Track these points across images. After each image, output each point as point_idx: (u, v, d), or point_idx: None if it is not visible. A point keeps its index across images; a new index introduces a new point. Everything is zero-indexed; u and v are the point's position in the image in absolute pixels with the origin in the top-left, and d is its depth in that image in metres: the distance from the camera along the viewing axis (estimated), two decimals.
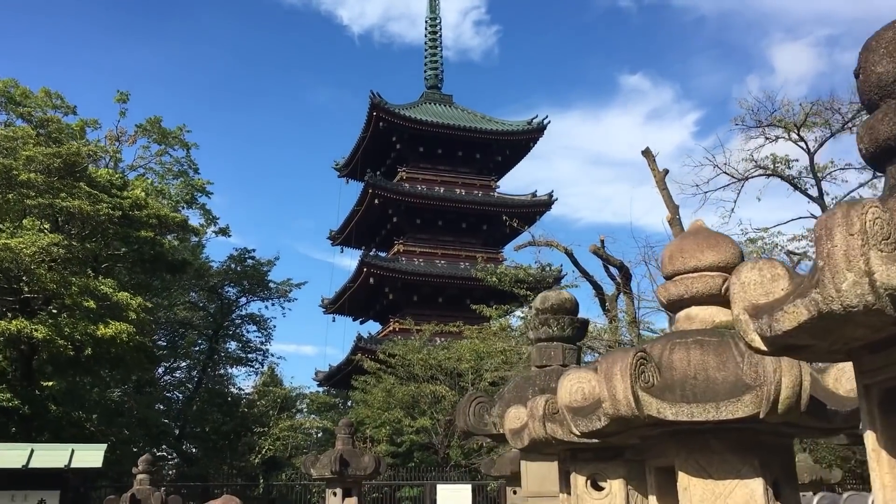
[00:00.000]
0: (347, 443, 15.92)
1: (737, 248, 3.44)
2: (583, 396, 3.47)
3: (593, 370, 3.56)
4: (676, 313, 3.53)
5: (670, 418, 2.94)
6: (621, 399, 3.00)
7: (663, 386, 3.05)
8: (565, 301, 6.94)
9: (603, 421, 3.16)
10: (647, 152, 23.16)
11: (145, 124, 35.91)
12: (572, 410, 3.45)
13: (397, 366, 34.16)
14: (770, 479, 3.07)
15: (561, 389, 3.54)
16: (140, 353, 21.81)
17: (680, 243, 3.50)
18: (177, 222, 23.54)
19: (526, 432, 4.80)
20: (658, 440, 3.31)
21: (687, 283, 3.41)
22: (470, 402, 6.63)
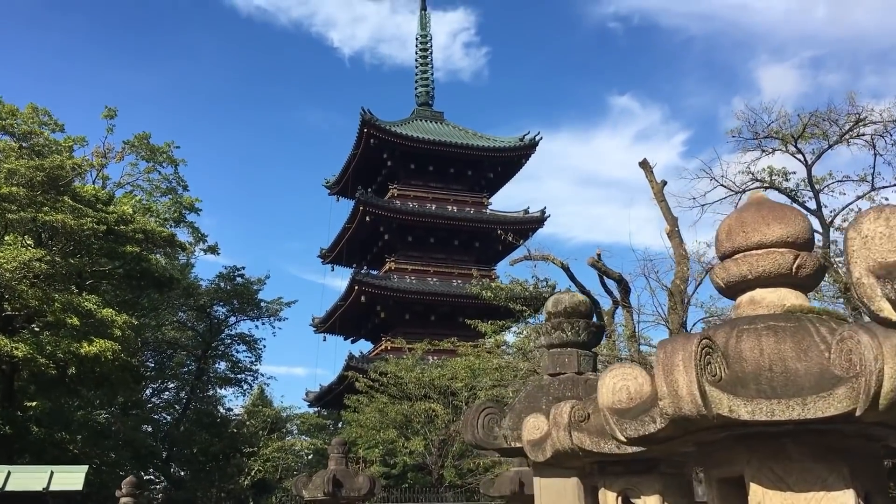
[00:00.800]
0: (341, 462, 15.28)
1: (807, 221, 2.95)
2: (628, 396, 2.96)
3: (638, 365, 3.05)
4: (737, 297, 3.02)
5: (745, 418, 2.43)
6: (684, 395, 2.49)
7: (733, 380, 2.54)
8: (580, 304, 6.43)
9: (659, 423, 2.65)
10: (645, 164, 22.73)
11: (133, 140, 35.39)
12: (617, 412, 2.93)
13: (390, 384, 33.51)
14: (861, 491, 2.57)
15: (602, 388, 3.03)
16: (125, 373, 21.13)
17: (740, 216, 3.00)
18: (164, 237, 22.92)
19: (548, 443, 4.28)
20: (721, 446, 2.80)
21: (751, 261, 2.90)
22: (478, 413, 6.09)
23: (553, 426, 4.20)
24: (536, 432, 4.64)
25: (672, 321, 20.80)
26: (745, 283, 2.92)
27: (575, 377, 6.21)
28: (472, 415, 6.13)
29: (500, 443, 6.04)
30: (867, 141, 26.81)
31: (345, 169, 55.95)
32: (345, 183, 55.71)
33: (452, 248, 53.53)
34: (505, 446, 6.02)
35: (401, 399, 33.21)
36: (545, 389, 6.18)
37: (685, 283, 21.25)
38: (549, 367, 6.41)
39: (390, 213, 50.91)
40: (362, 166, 54.21)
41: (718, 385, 2.49)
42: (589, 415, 4.19)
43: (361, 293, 48.26)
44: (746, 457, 2.66)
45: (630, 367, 2.99)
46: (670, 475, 4.22)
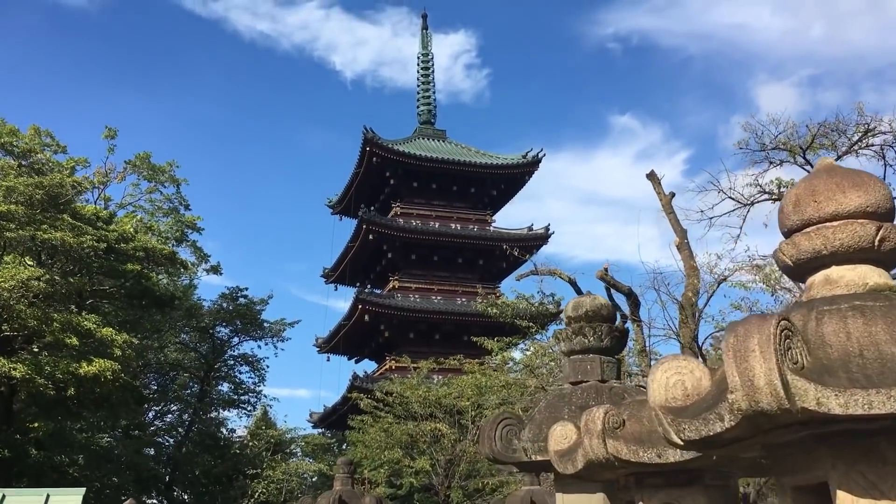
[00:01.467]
0: (346, 483, 14.85)
1: (887, 189, 2.57)
2: (684, 392, 2.58)
3: (693, 357, 2.67)
4: (808, 277, 2.64)
5: (836, 411, 2.04)
6: (761, 386, 2.10)
7: (818, 367, 2.16)
8: (601, 307, 6.04)
9: (728, 421, 2.26)
10: (653, 175, 22.35)
11: (134, 160, 35.16)
12: (672, 411, 2.54)
13: (395, 404, 32.99)
14: None
15: (653, 385, 2.64)
16: (126, 394, 20.69)
17: (810, 184, 2.63)
18: (165, 255, 22.54)
19: (579, 453, 3.89)
20: (798, 448, 2.41)
21: (826, 234, 2.53)
22: (496, 425, 5.69)
23: (585, 434, 3.81)
24: (564, 442, 4.25)
25: (683, 335, 20.36)
26: (819, 259, 2.55)
27: (598, 385, 5.82)
28: (490, 427, 5.72)
29: (520, 456, 5.64)
30: (876, 152, 26.48)
31: (347, 188, 55.70)
32: (347, 202, 55.42)
33: (456, 266, 53.13)
34: (525, 460, 5.62)
35: (406, 419, 32.68)
36: (567, 398, 5.78)
37: (696, 295, 20.82)
38: (569, 375, 6.02)
39: (393, 231, 50.57)
40: (365, 185, 53.95)
41: (801, 374, 2.11)
42: (624, 421, 3.80)
43: (365, 312, 47.82)
44: (831, 460, 2.27)
45: (685, 359, 2.61)
46: (715, 487, 3.82)
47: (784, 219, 2.68)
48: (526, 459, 5.60)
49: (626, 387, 6.01)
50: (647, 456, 3.63)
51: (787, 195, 2.69)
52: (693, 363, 2.59)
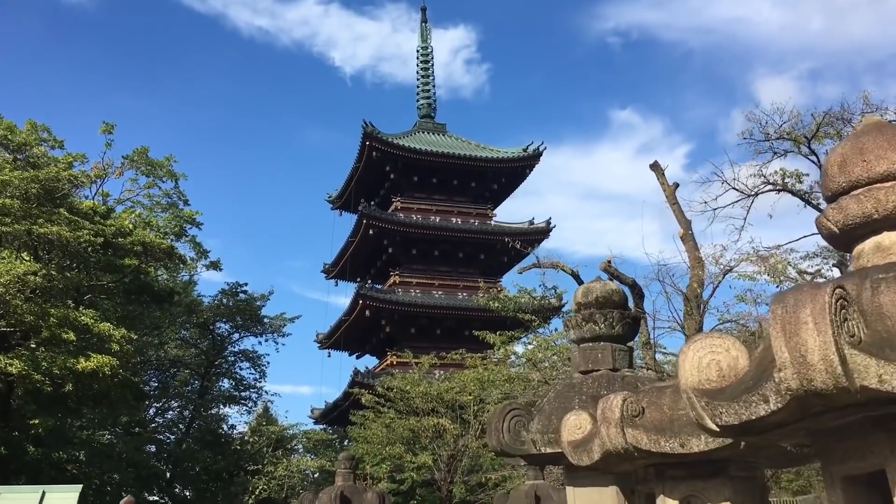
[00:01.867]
0: (348, 478, 14.62)
1: None
2: (719, 373, 2.33)
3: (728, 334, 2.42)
4: (855, 245, 2.39)
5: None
6: (815, 363, 1.86)
7: (877, 341, 1.92)
8: (612, 293, 5.80)
9: (774, 403, 2.01)
10: (656, 166, 22.11)
11: (132, 155, 34.85)
12: (706, 394, 2.30)
13: (396, 399, 32.79)
14: None
15: (685, 365, 2.40)
16: (125, 390, 20.45)
17: (857, 142, 2.38)
18: (163, 249, 22.28)
19: (595, 444, 3.65)
20: (850, 434, 2.16)
21: (877, 196, 2.28)
22: (503, 416, 5.44)
23: (602, 423, 3.56)
24: (578, 432, 4.01)
25: (688, 327, 20.12)
26: (869, 224, 2.30)
27: (610, 374, 5.57)
28: (497, 418, 5.48)
29: (529, 448, 5.40)
30: None
31: (347, 183, 55.42)
32: (347, 197, 55.15)
33: (457, 260, 52.87)
34: (534, 452, 5.38)
35: (408, 414, 32.49)
36: (577, 388, 5.54)
37: (701, 286, 20.58)
38: (579, 364, 5.78)
39: (394, 226, 50.32)
40: (364, 180, 53.68)
41: (860, 348, 1.86)
42: (643, 409, 3.56)
43: (366, 307, 47.58)
44: (889, 446, 2.03)
45: (720, 336, 2.37)
46: (741, 479, 3.58)
47: (828, 182, 2.44)
48: (535, 452, 5.36)
49: (639, 376, 5.77)
50: (668, 446, 3.39)
51: (829, 156, 2.45)
52: (729, 340, 2.34)
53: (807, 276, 23.96)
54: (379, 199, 53.90)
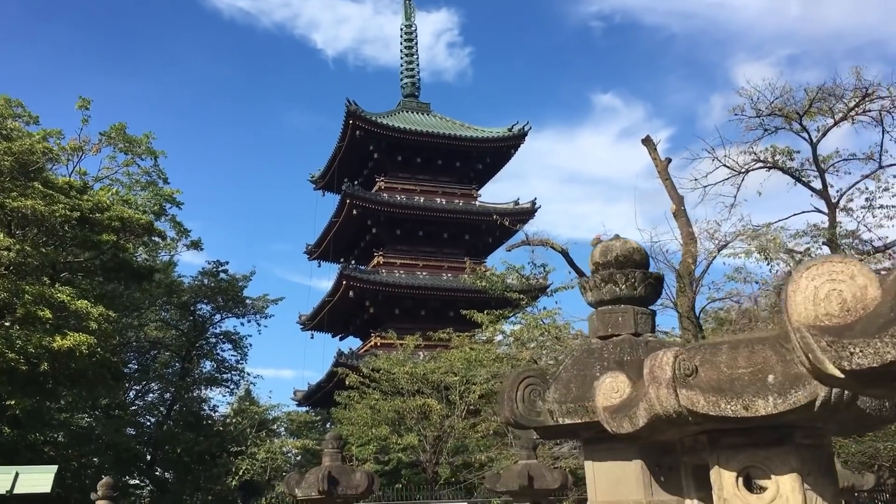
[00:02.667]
0: (336, 458, 14.07)
1: None
2: (842, 305, 1.85)
3: (849, 258, 1.94)
4: None
5: None
6: None
7: None
8: (633, 251, 5.33)
9: None
10: (648, 140, 21.72)
11: (110, 132, 33.97)
12: (826, 332, 1.82)
13: (382, 380, 32.39)
14: None
15: (796, 296, 1.91)
16: (104, 369, 19.83)
17: None
18: (142, 225, 21.58)
19: (641, 408, 3.18)
20: None
21: None
22: (517, 384, 4.97)
23: (650, 383, 3.09)
24: (615, 396, 3.54)
25: (681, 304, 19.76)
26: None
27: (632, 339, 5.10)
28: (511, 387, 5.00)
29: (545, 420, 4.93)
30: (874, 118, 25.91)
31: (330, 162, 54.69)
32: (330, 177, 54.45)
33: (442, 241, 52.38)
34: (550, 424, 4.91)
35: (393, 395, 32.11)
36: (597, 354, 5.07)
37: (694, 262, 20.22)
38: (597, 329, 5.30)
39: (377, 205, 49.72)
40: (348, 159, 52.96)
41: None
42: (696, 368, 3.10)
43: (350, 288, 47.04)
44: None
45: (841, 261, 1.89)
46: (808, 447, 3.12)
47: None
48: (552, 423, 4.89)
49: (664, 341, 5.31)
50: (730, 408, 2.92)
51: None
52: (853, 265, 1.87)
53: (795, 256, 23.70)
54: (362, 179, 53.28)
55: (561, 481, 15.33)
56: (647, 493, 4.78)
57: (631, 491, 4.82)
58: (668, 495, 4.81)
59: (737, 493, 3.10)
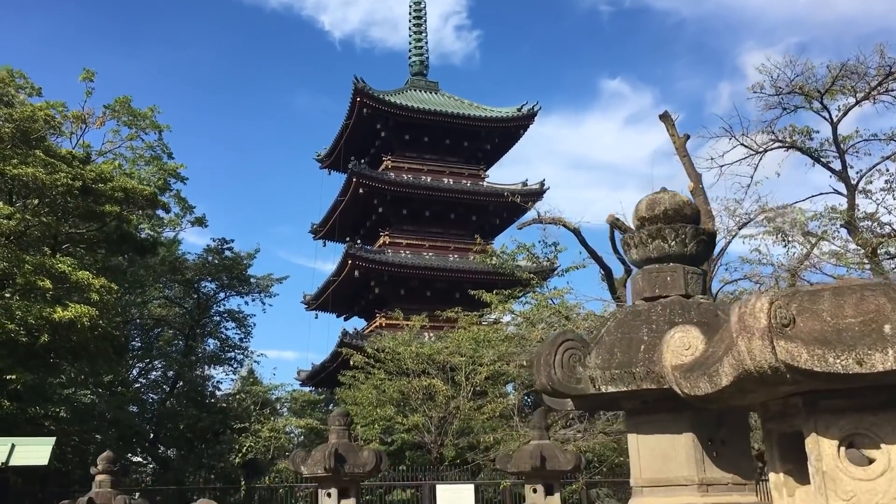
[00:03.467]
0: (343, 436, 13.68)
1: None
2: None
3: None
4: None
5: None
6: None
7: None
8: (684, 205, 4.82)
9: None
10: (666, 116, 21.19)
11: (114, 105, 33.41)
12: None
13: (387, 360, 32.00)
14: None
15: None
16: (105, 343, 19.41)
17: None
18: (145, 196, 21.04)
19: (726, 364, 2.69)
20: None
21: None
22: (556, 348, 4.48)
23: (740, 333, 2.59)
24: (687, 353, 3.05)
25: None
26: None
27: (683, 301, 4.60)
28: (548, 350, 4.51)
29: (585, 387, 4.44)
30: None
31: (336, 141, 54.08)
32: (337, 155, 53.84)
33: (449, 221, 51.84)
34: (591, 392, 4.42)
35: (398, 375, 31.74)
36: (643, 317, 4.57)
37: None
38: (642, 290, 4.81)
39: (384, 185, 49.15)
40: (355, 138, 52.35)
41: None
42: (794, 317, 2.60)
43: (355, 267, 46.57)
44: None
45: None
46: None
47: None
48: (593, 391, 4.41)
49: (719, 304, 4.82)
50: (840, 363, 2.43)
51: None
52: None
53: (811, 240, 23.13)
54: (369, 158, 52.68)
55: (574, 462, 14.90)
56: (698, 470, 4.30)
57: (681, 467, 4.35)
58: (721, 472, 4.34)
59: (838, 465, 2.62)
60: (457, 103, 54.73)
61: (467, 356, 30.23)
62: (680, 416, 4.36)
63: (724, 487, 4.32)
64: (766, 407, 2.95)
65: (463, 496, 21.66)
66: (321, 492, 13.34)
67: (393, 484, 24.62)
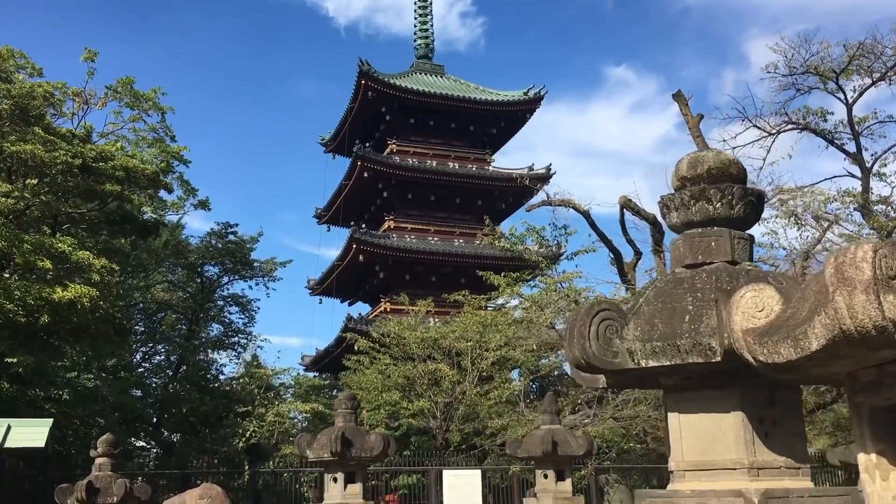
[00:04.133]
0: (349, 419, 13.32)
1: None
2: None
3: None
4: None
5: None
6: None
7: None
8: (729, 164, 4.40)
9: None
10: (679, 95, 20.70)
11: (116, 86, 32.87)
12: None
13: (392, 345, 31.67)
14: None
15: None
16: (107, 324, 19.03)
17: None
18: (147, 176, 20.62)
19: (818, 324, 2.28)
20: None
21: None
22: (591, 318, 4.07)
23: (838, 287, 2.18)
24: (761, 315, 2.65)
25: None
26: None
27: (729, 268, 4.19)
28: (582, 320, 4.10)
29: (623, 361, 4.04)
30: None
31: (341, 125, 53.55)
32: (341, 139, 53.36)
33: (454, 206, 51.38)
34: (629, 366, 4.03)
35: (404, 360, 31.41)
36: (686, 284, 4.16)
37: None
38: (683, 256, 4.39)
39: (389, 168, 48.65)
40: (359, 121, 51.83)
41: None
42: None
43: (360, 252, 46.16)
44: None
45: None
46: None
47: None
48: (632, 365, 4.01)
49: (768, 272, 4.40)
50: None
51: None
52: None
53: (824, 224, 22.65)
54: (374, 142, 52.18)
55: (586, 448, 14.53)
56: (748, 452, 3.90)
57: (728, 449, 3.95)
58: (773, 455, 3.94)
59: None
60: (462, 87, 54.15)
61: (474, 341, 29.88)
62: (728, 394, 3.96)
63: (776, 471, 3.92)
64: (854, 377, 2.55)
65: (470, 482, 21.36)
66: (327, 476, 13.00)
67: (399, 469, 24.28)
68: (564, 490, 14.20)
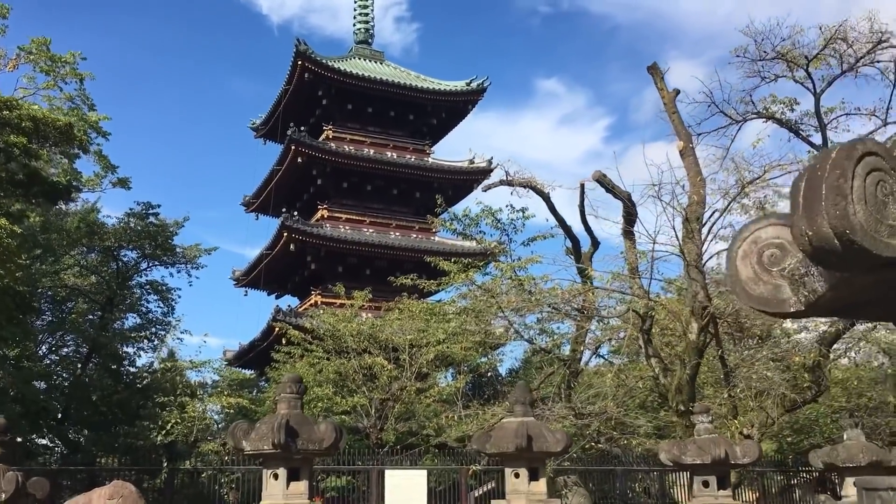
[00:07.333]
0: (295, 406, 11.28)
1: None
2: None
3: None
4: None
5: None
6: None
7: None
8: None
9: None
10: (654, 68, 19.31)
11: (30, 47, 29.75)
12: None
13: (326, 337, 29.59)
14: None
15: None
16: (7, 298, 16.46)
17: None
18: (59, 128, 18.08)
19: None
20: None
21: None
22: (852, 167, 2.26)
23: None
24: None
25: (688, 251, 17.38)
26: None
27: None
28: (837, 169, 2.27)
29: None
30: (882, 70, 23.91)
31: (274, 108, 50.95)
32: (274, 123, 50.73)
33: (391, 197, 49.38)
34: None
35: (337, 354, 29.36)
36: None
37: (702, 206, 17.91)
38: None
39: (325, 154, 46.31)
40: (294, 105, 49.34)
41: None
42: None
43: (291, 241, 43.70)
44: None
45: None
46: None
47: None
48: None
49: None
50: None
51: None
52: None
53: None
54: (309, 128, 49.70)
55: (565, 443, 12.70)
56: None
57: None
58: None
59: None
60: (403, 74, 52.29)
61: (414, 334, 28.09)
62: None
63: None
64: None
65: (415, 483, 19.46)
66: (266, 472, 10.90)
67: (337, 469, 22.13)
68: (538, 492, 12.40)
